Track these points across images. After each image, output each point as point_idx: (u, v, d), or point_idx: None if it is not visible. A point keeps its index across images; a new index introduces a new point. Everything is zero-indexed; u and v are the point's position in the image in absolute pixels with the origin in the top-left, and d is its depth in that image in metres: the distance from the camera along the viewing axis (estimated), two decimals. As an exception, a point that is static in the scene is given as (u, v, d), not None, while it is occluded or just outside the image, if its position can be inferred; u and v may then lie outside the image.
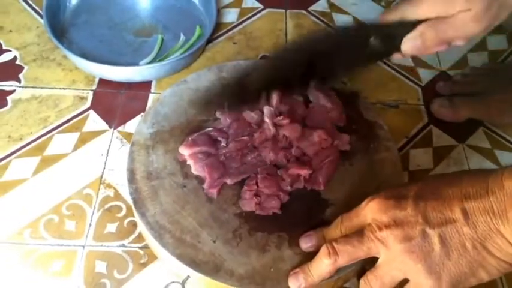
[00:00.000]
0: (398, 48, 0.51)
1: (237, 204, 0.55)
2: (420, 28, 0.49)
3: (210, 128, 0.59)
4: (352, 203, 0.55)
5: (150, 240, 0.52)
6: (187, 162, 0.57)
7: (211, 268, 0.49)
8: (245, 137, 0.58)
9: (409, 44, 0.50)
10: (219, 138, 0.58)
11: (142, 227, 0.54)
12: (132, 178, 0.55)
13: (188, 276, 0.51)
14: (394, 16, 0.49)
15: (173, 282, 0.53)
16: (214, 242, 0.51)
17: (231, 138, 0.58)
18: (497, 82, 0.70)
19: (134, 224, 0.57)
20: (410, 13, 0.48)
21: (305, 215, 0.55)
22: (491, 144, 0.69)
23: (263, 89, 0.57)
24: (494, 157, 0.67)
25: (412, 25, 0.49)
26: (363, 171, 0.59)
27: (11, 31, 0.77)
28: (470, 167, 0.66)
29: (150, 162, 0.57)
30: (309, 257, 0.50)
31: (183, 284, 0.52)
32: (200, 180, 0.56)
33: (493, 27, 0.48)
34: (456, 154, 0.67)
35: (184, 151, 0.57)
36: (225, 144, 0.58)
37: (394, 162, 0.60)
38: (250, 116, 0.59)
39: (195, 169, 0.56)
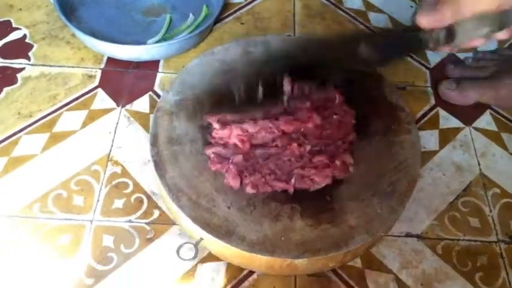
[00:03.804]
0: (395, 56, 0.51)
1: None
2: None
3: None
4: (366, 181, 0.55)
5: (168, 202, 0.54)
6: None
7: (224, 232, 0.51)
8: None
9: (426, 17, 0.47)
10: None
11: (161, 190, 0.55)
12: (154, 142, 0.57)
13: (201, 238, 0.52)
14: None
15: (187, 242, 0.54)
16: (228, 208, 0.53)
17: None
18: (507, 67, 0.70)
19: (141, 201, 0.58)
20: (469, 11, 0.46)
21: (319, 190, 0.55)
22: (498, 127, 0.69)
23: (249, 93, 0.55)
24: (501, 140, 0.67)
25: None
26: (381, 151, 0.58)
27: (20, 9, 0.78)
28: (477, 150, 0.66)
29: (172, 128, 0.59)
30: (318, 229, 0.51)
31: (196, 245, 0.53)
32: None
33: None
34: (463, 136, 0.67)
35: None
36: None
37: (413, 145, 0.59)
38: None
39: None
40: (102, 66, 0.71)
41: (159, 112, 0.60)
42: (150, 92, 0.69)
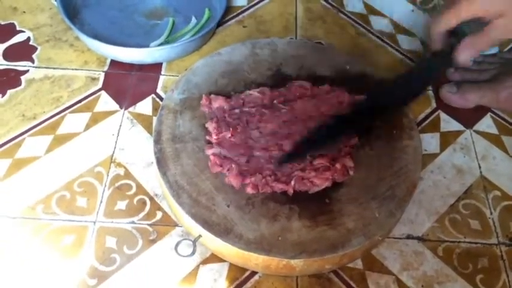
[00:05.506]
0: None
1: None
2: (470, 37, 0.54)
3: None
4: (366, 184, 0.56)
5: (169, 198, 0.55)
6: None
7: (222, 230, 0.51)
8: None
9: (465, 54, 0.55)
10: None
11: (162, 186, 0.56)
12: (158, 139, 0.58)
13: (200, 236, 0.53)
14: (454, 18, 0.53)
15: (185, 239, 0.55)
16: (227, 206, 0.53)
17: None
18: (508, 70, 0.70)
19: (144, 202, 0.59)
20: (465, 12, 0.52)
21: (318, 192, 0.55)
22: (499, 130, 0.69)
23: None
24: (502, 143, 0.68)
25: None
26: (382, 156, 0.59)
27: (24, 12, 0.78)
28: (477, 153, 0.66)
29: (176, 126, 0.60)
30: (315, 230, 0.52)
31: (194, 242, 0.53)
32: None
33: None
34: (463, 139, 0.67)
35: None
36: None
37: (415, 151, 0.59)
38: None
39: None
40: (106, 68, 0.72)
41: (163, 110, 0.61)
42: (153, 95, 0.69)
